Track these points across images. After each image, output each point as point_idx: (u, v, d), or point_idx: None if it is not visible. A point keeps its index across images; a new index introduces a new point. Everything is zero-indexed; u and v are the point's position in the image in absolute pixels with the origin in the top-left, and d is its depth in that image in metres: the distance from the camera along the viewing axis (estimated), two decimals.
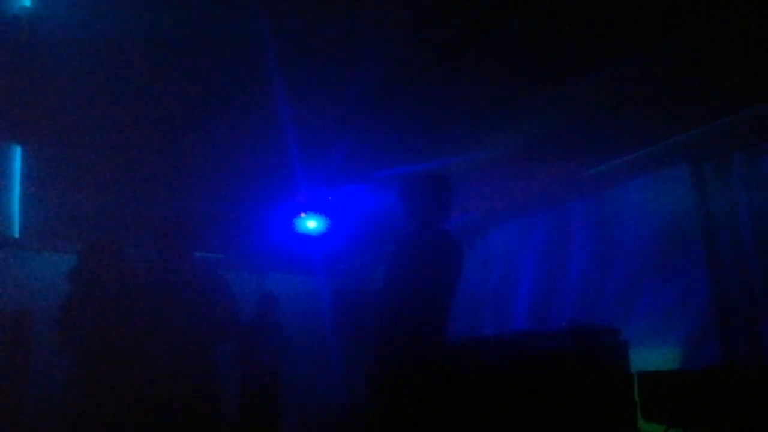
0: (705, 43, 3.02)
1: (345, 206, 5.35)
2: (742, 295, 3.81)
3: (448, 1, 2.75)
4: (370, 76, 3.31)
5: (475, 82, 3.41)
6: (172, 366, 2.71)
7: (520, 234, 5.54)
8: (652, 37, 2.99)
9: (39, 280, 4.87)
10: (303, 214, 5.41)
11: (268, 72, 3.19)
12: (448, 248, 2.88)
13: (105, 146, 4.01)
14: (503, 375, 3.82)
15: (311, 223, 5.47)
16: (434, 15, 2.82)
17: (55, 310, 3.03)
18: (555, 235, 5.20)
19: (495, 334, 5.26)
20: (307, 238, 5.73)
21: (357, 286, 7.50)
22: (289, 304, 6.78)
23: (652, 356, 4.06)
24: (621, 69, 3.25)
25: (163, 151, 4.16)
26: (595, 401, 3.42)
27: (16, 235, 4.76)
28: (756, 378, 3.42)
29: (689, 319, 4.02)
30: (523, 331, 4.99)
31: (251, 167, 4.42)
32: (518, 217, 5.54)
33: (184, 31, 2.86)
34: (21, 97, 3.33)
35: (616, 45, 3.06)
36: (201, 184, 4.61)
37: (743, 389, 3.34)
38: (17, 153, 4.32)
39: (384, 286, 2.86)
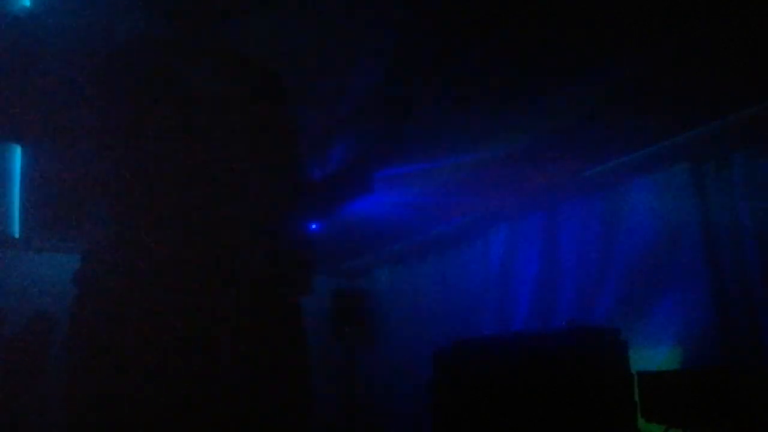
0: (705, 43, 3.02)
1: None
2: (742, 295, 3.81)
3: (448, 1, 2.75)
4: (370, 76, 3.31)
5: (475, 82, 3.42)
6: (171, 368, 2.70)
7: (520, 234, 5.54)
8: (652, 37, 2.99)
9: (39, 281, 4.87)
10: None
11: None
12: None
13: (105, 146, 4.00)
14: (503, 375, 3.82)
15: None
16: (434, 15, 2.82)
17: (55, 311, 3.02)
18: (555, 235, 5.20)
19: (495, 334, 5.26)
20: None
21: (357, 286, 7.51)
22: None
23: (652, 356, 4.06)
24: (621, 69, 3.25)
25: (163, 151, 4.15)
26: (595, 401, 3.43)
27: (16, 235, 4.76)
28: (756, 378, 3.42)
29: (689, 319, 4.02)
30: (523, 331, 4.99)
31: (251, 167, 4.41)
32: (518, 218, 5.55)
33: (185, 30, 2.86)
34: (21, 97, 3.33)
35: (616, 45, 3.07)
36: (201, 184, 4.62)
37: (743, 389, 3.34)
38: (17, 153, 4.32)
39: None
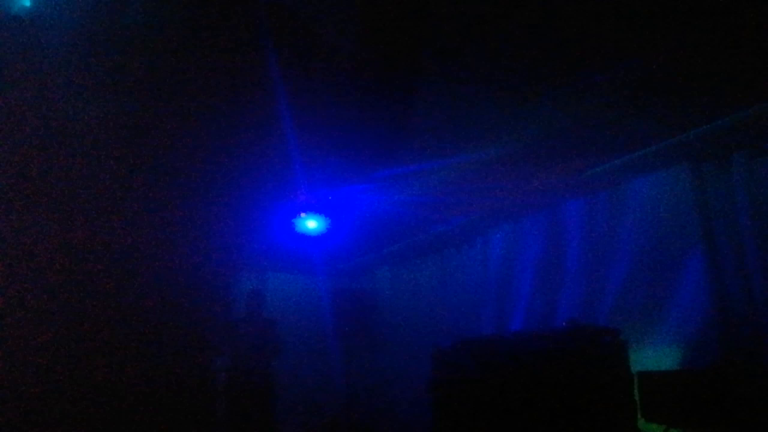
0: (705, 43, 3.02)
1: (345, 206, 5.36)
2: (742, 295, 3.81)
3: (448, 2, 2.75)
4: (371, 76, 3.32)
5: (475, 82, 3.42)
6: (169, 368, 2.71)
7: (520, 234, 5.54)
8: (652, 38, 2.99)
9: None
10: (303, 214, 5.42)
11: (269, 73, 3.19)
12: None
13: (105, 147, 4.01)
14: (503, 375, 3.82)
15: (311, 223, 5.49)
16: (434, 15, 2.82)
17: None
18: (555, 235, 5.21)
19: (495, 334, 5.26)
20: (307, 238, 5.74)
21: (357, 286, 7.52)
22: (290, 304, 6.78)
23: (652, 356, 4.06)
24: (621, 69, 3.26)
25: (163, 151, 4.16)
26: (595, 401, 3.43)
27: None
28: (756, 378, 3.42)
29: (689, 318, 4.02)
30: (523, 331, 4.99)
31: (252, 167, 4.42)
32: (518, 217, 5.55)
33: (186, 31, 2.87)
34: (21, 97, 3.33)
35: (617, 46, 3.07)
36: (201, 185, 4.62)
37: (743, 389, 3.34)
38: None
39: None
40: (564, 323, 4.21)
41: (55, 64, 3.04)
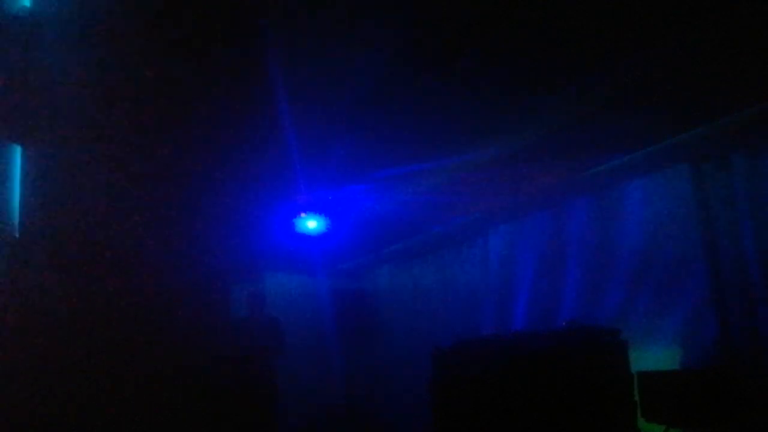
0: (705, 43, 3.02)
1: (345, 206, 5.36)
2: (742, 295, 3.81)
3: (448, 2, 2.75)
4: (371, 76, 3.32)
5: (475, 82, 3.42)
6: (171, 367, 2.72)
7: (520, 234, 5.54)
8: (652, 38, 2.99)
9: None
10: (303, 214, 5.43)
11: (268, 73, 3.19)
12: None
13: (105, 146, 4.01)
14: (503, 375, 3.82)
15: (311, 223, 5.49)
16: (434, 16, 2.82)
17: None
18: (555, 235, 5.20)
19: (495, 334, 5.26)
20: (307, 238, 5.75)
21: (357, 286, 7.51)
22: (290, 304, 6.77)
23: (652, 356, 4.06)
24: (621, 69, 3.26)
25: (163, 151, 4.16)
26: (595, 401, 3.43)
27: (17, 235, 4.75)
28: (756, 378, 3.42)
29: (689, 318, 4.02)
30: (523, 331, 4.99)
31: (252, 167, 4.42)
32: (518, 217, 5.55)
33: (184, 31, 2.87)
34: (21, 97, 3.34)
35: (616, 45, 3.07)
36: (201, 185, 4.62)
37: (743, 389, 3.34)
38: (17, 153, 4.32)
39: None
40: (564, 323, 4.21)
41: (55, 64, 3.04)
